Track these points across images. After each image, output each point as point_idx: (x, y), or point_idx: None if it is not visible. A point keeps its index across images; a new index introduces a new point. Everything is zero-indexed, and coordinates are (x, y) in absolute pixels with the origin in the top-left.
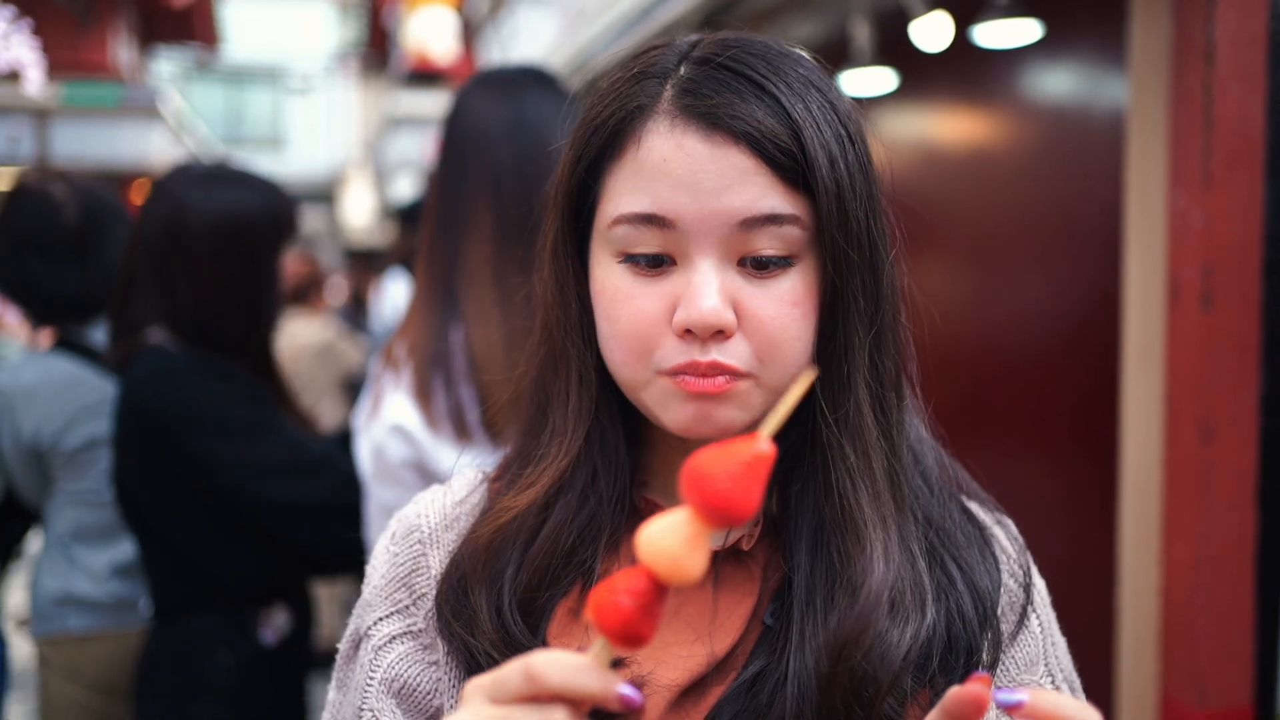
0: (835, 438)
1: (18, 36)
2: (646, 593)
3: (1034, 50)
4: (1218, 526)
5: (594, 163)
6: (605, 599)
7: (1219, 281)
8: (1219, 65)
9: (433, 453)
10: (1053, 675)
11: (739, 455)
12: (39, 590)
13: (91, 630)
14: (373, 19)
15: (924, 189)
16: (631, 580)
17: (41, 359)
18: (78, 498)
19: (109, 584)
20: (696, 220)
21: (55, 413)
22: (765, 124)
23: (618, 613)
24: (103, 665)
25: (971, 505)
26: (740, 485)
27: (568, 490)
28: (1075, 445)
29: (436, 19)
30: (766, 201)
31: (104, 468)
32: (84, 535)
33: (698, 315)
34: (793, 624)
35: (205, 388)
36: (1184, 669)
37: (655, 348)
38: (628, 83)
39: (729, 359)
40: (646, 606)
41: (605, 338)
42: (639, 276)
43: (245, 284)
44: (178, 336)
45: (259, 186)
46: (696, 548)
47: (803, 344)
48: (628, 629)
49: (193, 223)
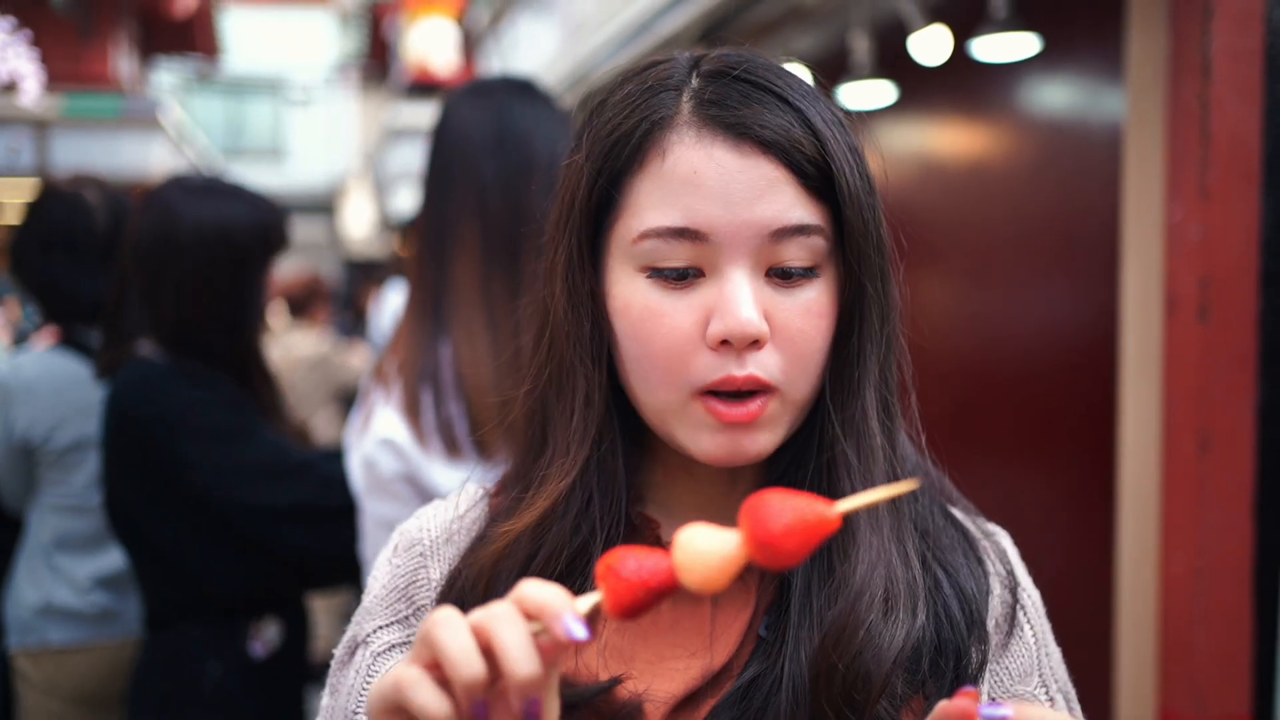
0: (840, 441)
1: (17, 48)
2: (661, 585)
3: (1032, 64)
4: (1215, 537)
5: (615, 176)
6: (623, 567)
7: (1216, 294)
8: (1215, 79)
9: (423, 467)
10: (1047, 686)
11: (807, 513)
12: (17, 601)
13: (72, 643)
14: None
15: (922, 201)
16: (654, 566)
17: (44, 355)
18: (61, 504)
19: (91, 595)
20: (729, 232)
21: (50, 410)
22: (793, 133)
23: (628, 586)
24: (82, 678)
25: (957, 514)
26: (796, 540)
27: (562, 517)
28: (1073, 456)
29: (437, 31)
30: (795, 213)
31: (90, 472)
32: (67, 544)
33: (736, 325)
34: (788, 630)
35: (185, 394)
36: (1183, 679)
37: (689, 364)
38: (643, 95)
39: (762, 372)
40: (654, 594)
41: (634, 359)
42: (667, 291)
43: (231, 295)
44: (163, 345)
45: (250, 200)
46: (728, 572)
47: (821, 356)
48: (628, 603)
49: (182, 233)
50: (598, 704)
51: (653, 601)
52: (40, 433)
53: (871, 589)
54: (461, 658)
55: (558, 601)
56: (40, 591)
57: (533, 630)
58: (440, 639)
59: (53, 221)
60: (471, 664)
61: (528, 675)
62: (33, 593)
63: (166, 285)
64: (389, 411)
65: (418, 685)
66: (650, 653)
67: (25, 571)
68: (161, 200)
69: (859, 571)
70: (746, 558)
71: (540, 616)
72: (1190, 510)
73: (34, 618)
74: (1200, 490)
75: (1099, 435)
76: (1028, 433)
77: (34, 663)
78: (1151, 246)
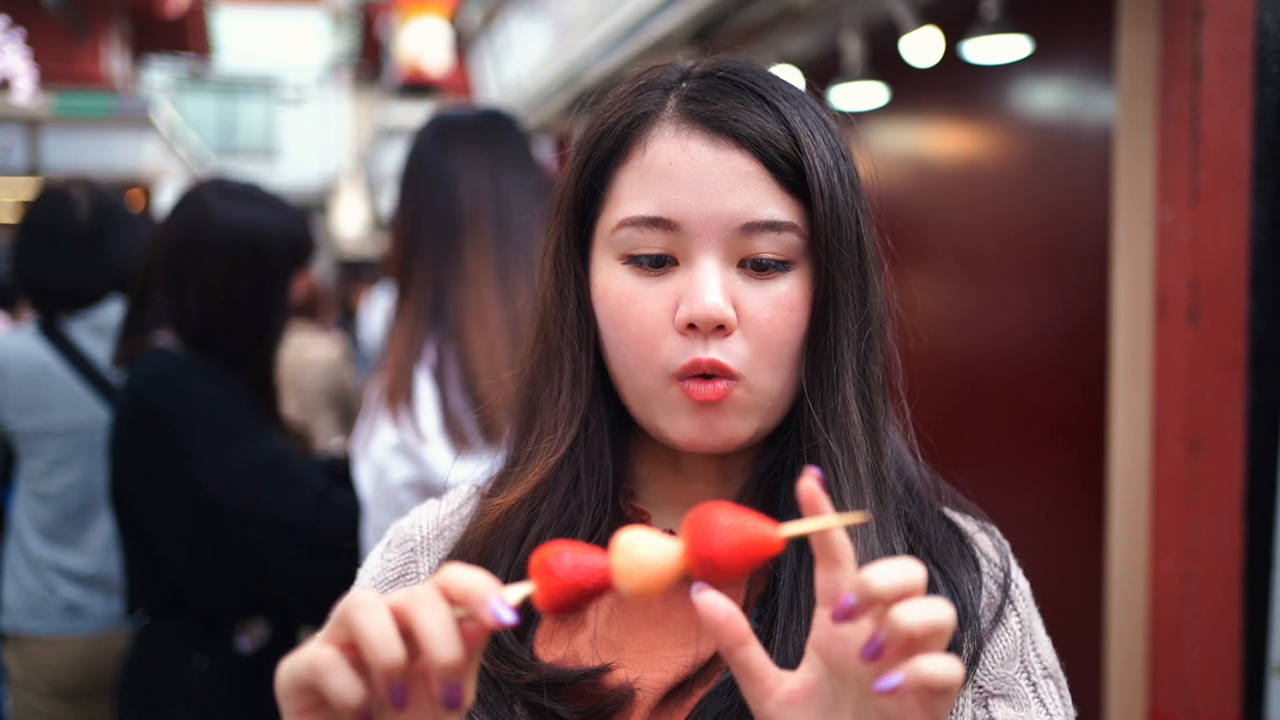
0: (821, 434)
1: (10, 46)
2: (594, 586)
3: (1023, 66)
4: (1205, 539)
5: (600, 167)
6: (559, 564)
7: (1206, 296)
8: (1205, 81)
9: (434, 466)
10: (1029, 670)
11: (750, 532)
12: (4, 583)
13: (41, 634)
14: (366, 30)
15: (914, 203)
16: (591, 566)
17: (18, 339)
18: (29, 488)
19: (56, 585)
20: (700, 222)
21: (18, 392)
22: (767, 128)
23: (561, 585)
24: (53, 670)
25: (953, 514)
26: (736, 558)
27: (553, 491)
28: (1063, 458)
29: (430, 31)
30: (768, 209)
31: (50, 460)
32: (36, 531)
33: (700, 309)
34: (776, 623)
35: (201, 389)
36: (1172, 681)
37: (660, 348)
38: (632, 93)
39: (726, 358)
40: (586, 595)
41: (613, 344)
42: (642, 277)
43: (254, 299)
44: (183, 341)
45: (283, 210)
46: (663, 582)
47: (792, 349)
48: (559, 600)
49: (212, 232)
50: (587, 691)
51: (584, 601)
52: (8, 415)
53: None
54: (380, 640)
55: (483, 586)
56: (15, 577)
57: (456, 615)
58: (358, 620)
59: (38, 214)
60: (390, 647)
61: (449, 659)
62: (10, 578)
63: (191, 282)
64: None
65: (333, 668)
66: (640, 642)
67: (8, 555)
68: (197, 197)
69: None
70: (685, 570)
71: (465, 602)
72: (1180, 512)
73: (10, 603)
74: (1190, 492)
75: (1089, 437)
76: (1017, 434)
77: (13, 651)
78: (1142, 249)
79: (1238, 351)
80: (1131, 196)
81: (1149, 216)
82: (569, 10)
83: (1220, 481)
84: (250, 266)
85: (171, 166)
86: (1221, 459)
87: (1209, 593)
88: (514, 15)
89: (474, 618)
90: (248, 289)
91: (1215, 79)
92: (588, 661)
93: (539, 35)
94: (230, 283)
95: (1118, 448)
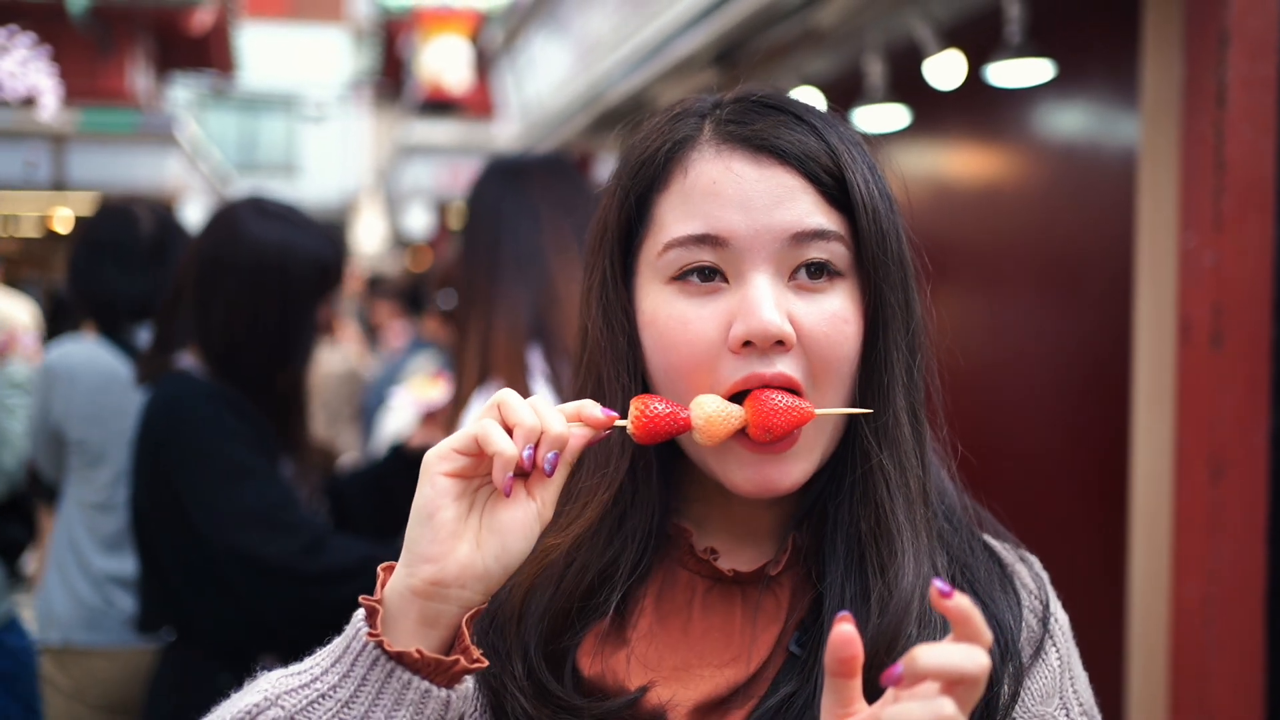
0: (874, 448)
1: (36, 63)
2: (674, 421)
3: (1046, 89)
4: (1227, 563)
5: (641, 196)
6: (650, 406)
7: (1229, 321)
8: (1230, 107)
9: None
10: (1068, 708)
11: (792, 408)
12: (45, 596)
13: (95, 645)
14: (387, 48)
15: (936, 225)
16: (675, 410)
17: (90, 347)
18: (87, 500)
19: (114, 596)
20: (749, 236)
21: (87, 402)
22: (808, 144)
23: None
24: (107, 683)
25: (993, 543)
26: (785, 421)
27: (598, 533)
28: (1085, 482)
29: (451, 49)
30: (814, 218)
31: (116, 470)
32: (93, 541)
33: (758, 325)
34: (822, 645)
35: (211, 421)
36: (1194, 706)
37: (715, 370)
38: (668, 121)
39: (795, 373)
40: (664, 425)
41: (662, 371)
42: (692, 298)
43: (278, 322)
44: (206, 361)
45: (315, 234)
46: (725, 428)
47: (850, 365)
48: (647, 425)
49: (239, 252)
50: (625, 714)
51: (662, 428)
52: (73, 424)
53: (908, 595)
54: (525, 414)
55: (588, 404)
56: (66, 588)
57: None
58: (509, 402)
59: (102, 232)
60: (532, 418)
61: (560, 429)
62: (59, 589)
63: (216, 301)
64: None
65: (498, 432)
66: (677, 659)
67: (54, 566)
68: (229, 216)
69: (896, 578)
70: (739, 423)
71: (578, 415)
72: (1202, 536)
73: (59, 615)
74: (1213, 517)
75: (1111, 461)
76: (1039, 458)
77: (58, 663)
78: (1165, 273)
79: (1261, 376)
80: (1154, 221)
81: (1172, 241)
82: (591, 30)
83: (1243, 506)
84: (275, 288)
85: (194, 182)
86: (1244, 484)
87: (1231, 617)
88: (536, 35)
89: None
90: (271, 311)
91: (1240, 105)
92: (624, 677)
93: (561, 55)
94: (254, 304)
95: (1140, 472)
